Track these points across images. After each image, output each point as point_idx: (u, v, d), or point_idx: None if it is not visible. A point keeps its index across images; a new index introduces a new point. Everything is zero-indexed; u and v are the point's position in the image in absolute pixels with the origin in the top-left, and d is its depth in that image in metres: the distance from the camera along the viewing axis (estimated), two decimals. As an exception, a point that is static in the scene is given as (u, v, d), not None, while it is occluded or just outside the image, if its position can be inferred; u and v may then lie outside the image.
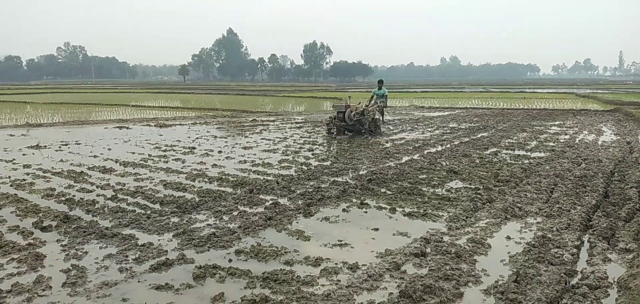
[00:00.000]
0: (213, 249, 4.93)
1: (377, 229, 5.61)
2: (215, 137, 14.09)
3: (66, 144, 12.54)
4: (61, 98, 38.99)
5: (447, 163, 9.67)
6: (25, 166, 9.40)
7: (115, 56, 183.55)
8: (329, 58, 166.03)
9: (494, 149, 11.62)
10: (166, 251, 4.86)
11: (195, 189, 7.43)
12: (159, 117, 20.91)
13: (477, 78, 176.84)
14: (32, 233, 5.38)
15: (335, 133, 14.31)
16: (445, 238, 5.21)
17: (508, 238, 5.30)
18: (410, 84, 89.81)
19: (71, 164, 9.70)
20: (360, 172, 8.75)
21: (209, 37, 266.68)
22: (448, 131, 15.59)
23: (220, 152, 11.23)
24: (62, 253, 4.81)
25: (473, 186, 7.68)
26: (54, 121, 19.50)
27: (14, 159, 10.20)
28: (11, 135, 14.67)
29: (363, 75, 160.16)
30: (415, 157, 10.49)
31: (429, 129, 16.17)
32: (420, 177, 8.39)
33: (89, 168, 9.19)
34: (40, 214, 6.06)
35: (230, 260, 4.65)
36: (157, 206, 6.50)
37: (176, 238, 5.25)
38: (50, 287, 4.03)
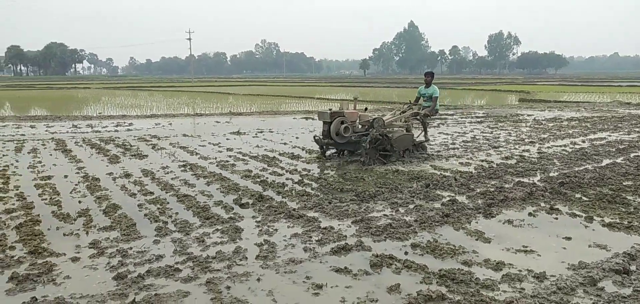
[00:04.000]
0: (389, 240, 5.00)
1: (569, 239, 5.07)
2: (394, 129, 14.21)
3: (261, 131, 13.94)
4: (257, 90, 43.54)
5: (661, 170, 8.27)
6: (228, 149, 10.73)
7: (303, 52, 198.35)
8: (516, 48, 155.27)
9: None
10: (345, 236, 5.08)
11: (373, 180, 7.62)
12: (341, 109, 21.88)
13: None
14: (232, 208, 6.11)
15: (327, 152, 9.69)
16: (657, 257, 4.47)
17: None
18: (613, 78, 79.08)
19: (265, 149, 10.76)
20: (551, 174, 7.99)
21: (391, 31, 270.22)
22: (663, 133, 13.30)
23: (398, 145, 11.29)
24: (256, 228, 5.37)
25: (696, 199, 6.44)
26: (252, 111, 21.86)
27: (219, 143, 11.71)
28: (217, 122, 16.88)
29: (555, 67, 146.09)
30: (619, 160, 9.18)
31: (637, 130, 13.99)
32: (624, 183, 7.33)
33: (280, 154, 10.09)
34: (240, 192, 6.84)
35: (406, 253, 4.67)
36: (337, 193, 6.84)
37: (355, 224, 5.46)
38: (246, 258, 4.53)
